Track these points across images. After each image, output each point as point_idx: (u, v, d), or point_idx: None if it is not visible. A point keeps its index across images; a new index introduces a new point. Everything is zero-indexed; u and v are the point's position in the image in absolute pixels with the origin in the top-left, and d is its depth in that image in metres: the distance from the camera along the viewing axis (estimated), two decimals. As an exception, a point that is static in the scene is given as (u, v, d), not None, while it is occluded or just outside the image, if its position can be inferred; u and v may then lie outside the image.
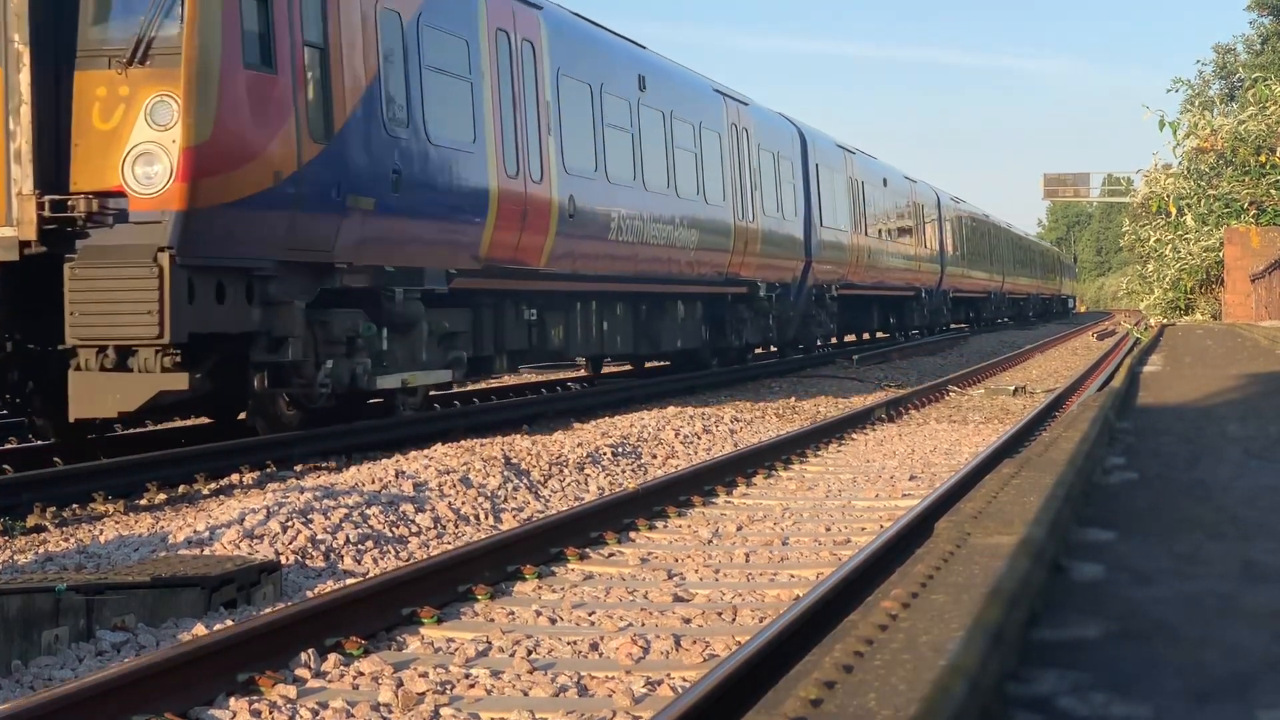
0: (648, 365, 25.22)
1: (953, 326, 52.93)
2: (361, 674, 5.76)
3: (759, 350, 28.69)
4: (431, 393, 16.30)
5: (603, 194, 18.46)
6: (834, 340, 35.92)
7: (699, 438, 14.71)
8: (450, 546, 8.62)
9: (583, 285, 18.31)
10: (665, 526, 9.54)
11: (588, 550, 8.55)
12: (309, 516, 8.82)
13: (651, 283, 20.45)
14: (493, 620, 6.80)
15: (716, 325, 24.13)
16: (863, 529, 9.35)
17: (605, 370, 25.09)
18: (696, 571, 7.97)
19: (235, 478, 11.43)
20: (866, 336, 41.44)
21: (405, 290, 13.75)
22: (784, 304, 26.92)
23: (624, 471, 12.21)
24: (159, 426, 15.56)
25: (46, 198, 10.54)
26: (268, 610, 6.62)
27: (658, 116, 20.64)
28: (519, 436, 13.47)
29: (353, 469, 11.00)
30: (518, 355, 17.17)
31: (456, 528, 9.43)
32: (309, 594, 7.26)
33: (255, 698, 5.41)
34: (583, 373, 24.64)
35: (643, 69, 20.50)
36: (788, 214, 27.07)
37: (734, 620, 6.78)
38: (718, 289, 23.55)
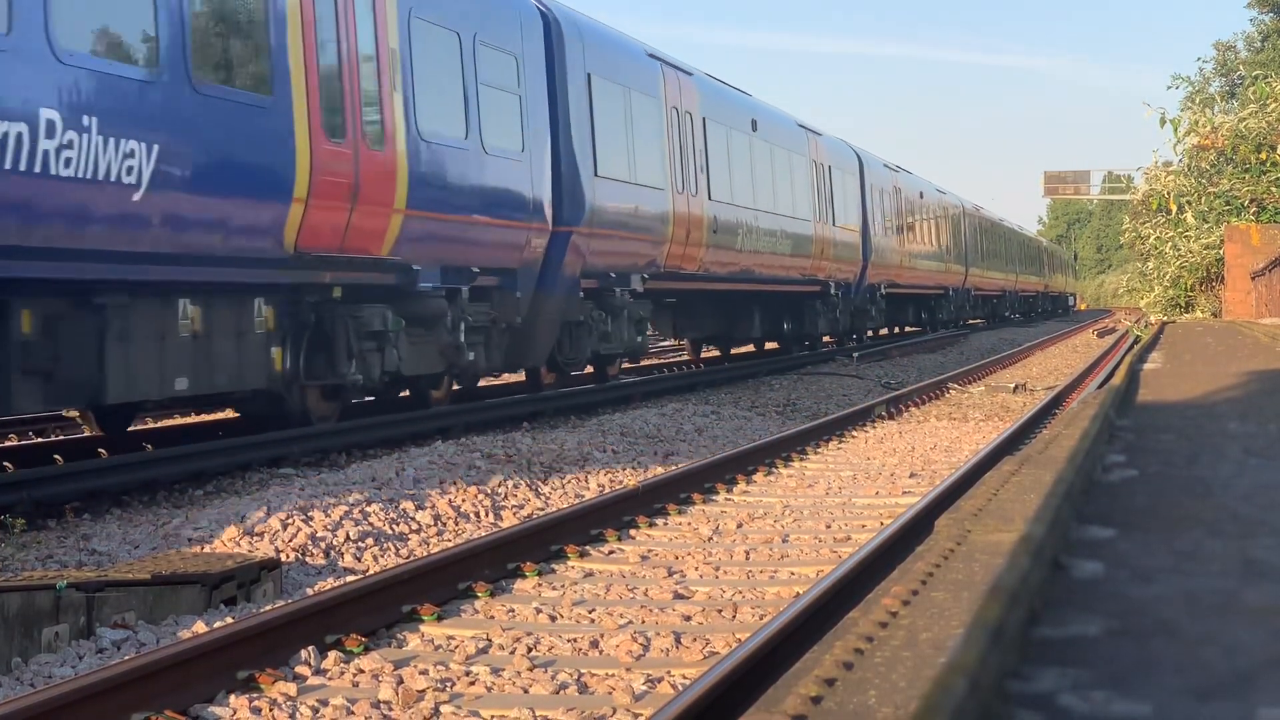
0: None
1: (909, 330, 43.57)
2: (362, 671, 5.76)
3: (439, 394, 15.97)
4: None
5: None
6: (667, 365, 26.51)
7: (699, 435, 14.71)
8: (450, 544, 8.62)
9: None
10: (666, 524, 9.54)
11: (588, 548, 8.55)
12: (309, 514, 8.83)
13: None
14: (493, 618, 6.80)
15: (320, 344, 12.93)
16: (863, 526, 9.35)
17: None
18: (697, 569, 7.97)
19: (236, 474, 11.43)
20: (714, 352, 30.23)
21: None
22: (504, 302, 16.13)
23: (624, 469, 12.21)
24: (159, 424, 15.57)
25: None
26: (268, 608, 6.62)
27: None
28: (519, 433, 13.47)
29: (353, 466, 11.01)
30: None
31: (457, 525, 9.43)
32: (309, 591, 7.26)
33: (255, 695, 5.41)
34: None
35: None
36: (496, 146, 15.49)
37: (734, 618, 6.78)
38: (293, 274, 12.16)
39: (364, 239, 12.90)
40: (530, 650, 6.12)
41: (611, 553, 8.51)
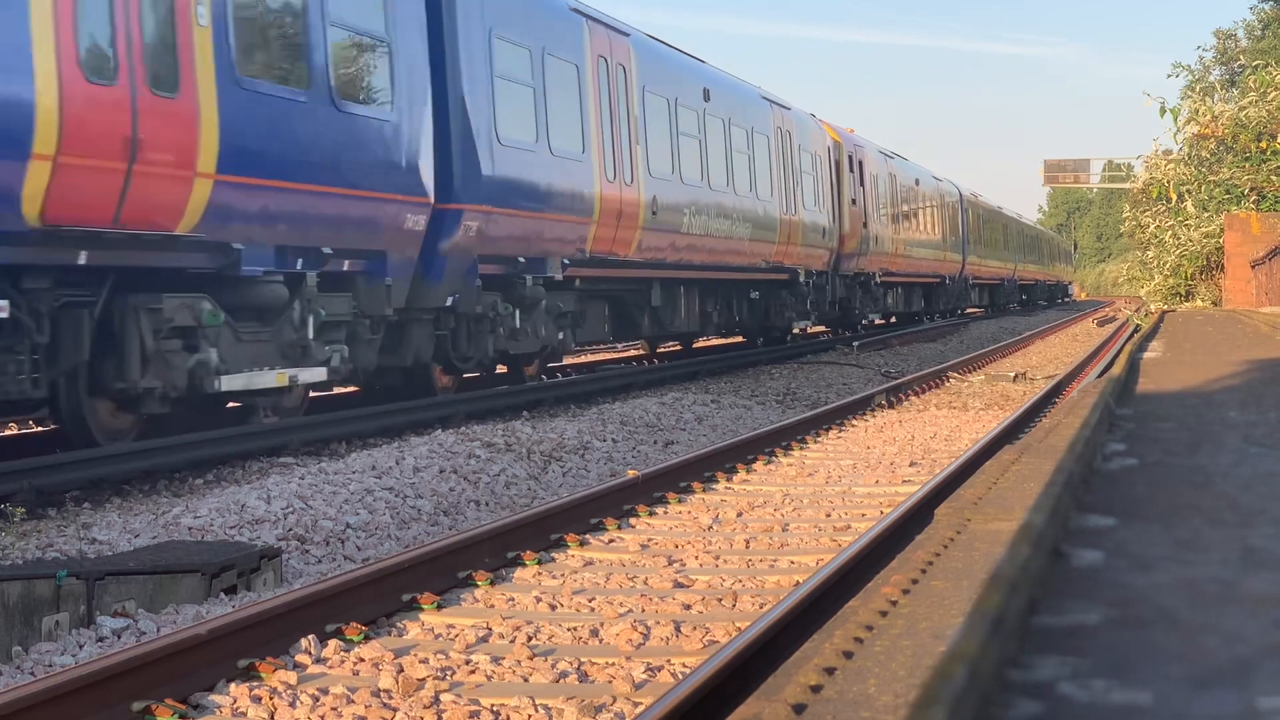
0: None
1: (890, 322, 39.77)
2: (362, 660, 5.76)
3: (289, 403, 13.51)
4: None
5: None
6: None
7: (699, 423, 14.71)
8: (450, 532, 8.62)
9: None
10: (666, 513, 9.55)
11: (588, 536, 8.56)
12: (310, 502, 8.84)
13: None
14: (493, 606, 6.80)
15: (107, 344, 10.72)
16: (863, 515, 9.35)
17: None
18: (697, 558, 7.98)
19: (236, 463, 11.43)
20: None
21: None
22: (372, 292, 13.41)
23: (624, 458, 12.21)
24: (160, 411, 15.53)
25: None
26: (268, 596, 6.63)
27: None
28: (519, 422, 13.47)
29: (353, 455, 11.01)
30: None
31: (457, 514, 9.43)
32: (309, 580, 7.26)
33: (255, 684, 5.42)
34: None
35: None
36: (353, 99, 12.87)
37: (734, 606, 6.78)
38: (30, 254, 9.49)
39: (152, 210, 10.16)
40: (530, 639, 6.12)
41: (611, 541, 8.51)
